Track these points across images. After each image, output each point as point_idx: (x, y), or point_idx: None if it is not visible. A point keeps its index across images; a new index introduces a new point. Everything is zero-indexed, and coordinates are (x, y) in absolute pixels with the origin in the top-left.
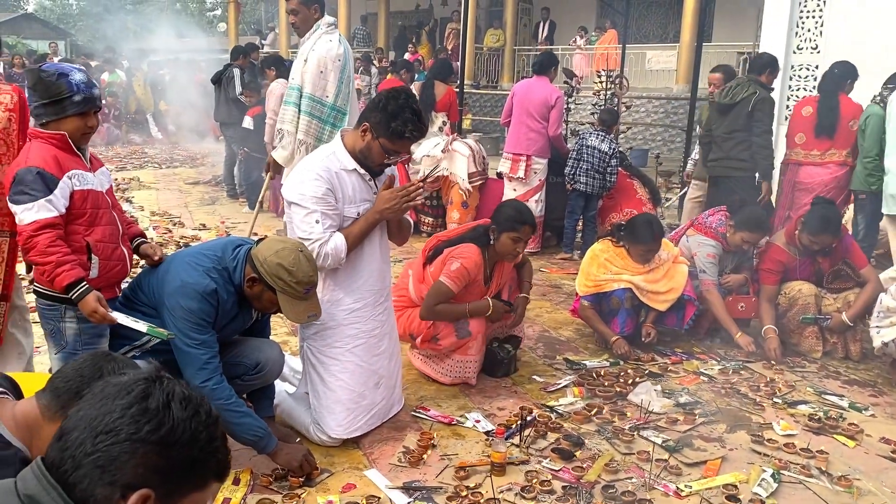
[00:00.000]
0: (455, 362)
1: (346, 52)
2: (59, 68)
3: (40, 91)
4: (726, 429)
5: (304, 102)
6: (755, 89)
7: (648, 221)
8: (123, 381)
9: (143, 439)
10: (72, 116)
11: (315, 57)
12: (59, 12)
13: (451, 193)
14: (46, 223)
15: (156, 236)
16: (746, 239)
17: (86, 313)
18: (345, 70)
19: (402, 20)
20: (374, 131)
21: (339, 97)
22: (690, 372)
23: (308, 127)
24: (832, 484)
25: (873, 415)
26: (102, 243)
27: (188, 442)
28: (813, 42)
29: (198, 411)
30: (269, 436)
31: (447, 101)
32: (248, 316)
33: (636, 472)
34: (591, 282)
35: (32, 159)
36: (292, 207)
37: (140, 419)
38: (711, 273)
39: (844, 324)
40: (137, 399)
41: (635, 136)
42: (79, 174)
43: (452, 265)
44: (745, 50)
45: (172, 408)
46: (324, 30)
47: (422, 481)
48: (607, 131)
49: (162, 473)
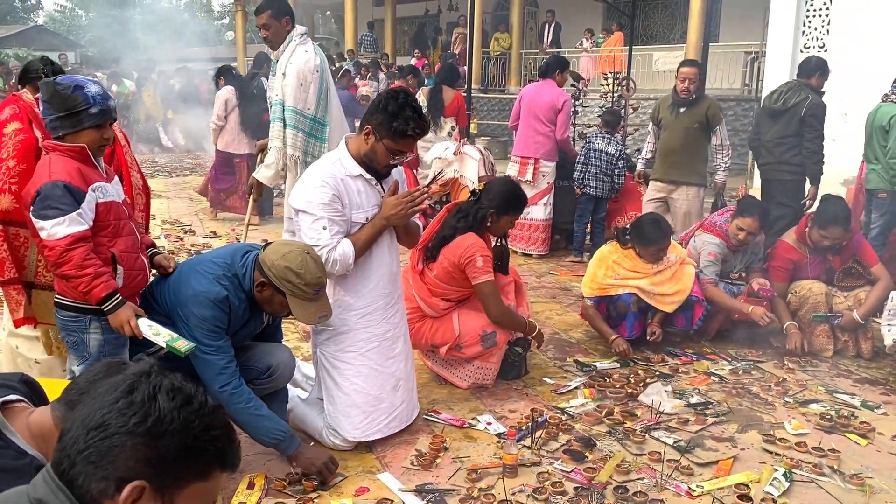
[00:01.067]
0: (475, 368)
1: (322, 62)
2: (75, 81)
3: (56, 104)
4: (738, 428)
5: (288, 116)
6: (807, 94)
7: (655, 220)
8: (115, 379)
9: (131, 431)
10: (88, 129)
11: (293, 70)
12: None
13: (461, 196)
14: (80, 236)
15: (167, 244)
16: (741, 226)
17: (115, 325)
18: (322, 80)
19: (408, 25)
20: (377, 133)
21: (318, 108)
22: (701, 372)
23: (295, 140)
24: (844, 483)
25: (885, 413)
26: (126, 253)
27: (178, 431)
28: (820, 41)
29: (189, 401)
30: (290, 437)
31: (455, 105)
32: (260, 320)
33: (648, 473)
34: (597, 285)
35: (56, 173)
36: (299, 215)
37: (126, 412)
38: (708, 273)
39: (856, 322)
40: (123, 393)
41: (643, 137)
42: (101, 186)
43: (478, 262)
44: (753, 50)
45: (158, 399)
46: (297, 41)
47: (434, 484)
48: (612, 133)
49: (154, 464)
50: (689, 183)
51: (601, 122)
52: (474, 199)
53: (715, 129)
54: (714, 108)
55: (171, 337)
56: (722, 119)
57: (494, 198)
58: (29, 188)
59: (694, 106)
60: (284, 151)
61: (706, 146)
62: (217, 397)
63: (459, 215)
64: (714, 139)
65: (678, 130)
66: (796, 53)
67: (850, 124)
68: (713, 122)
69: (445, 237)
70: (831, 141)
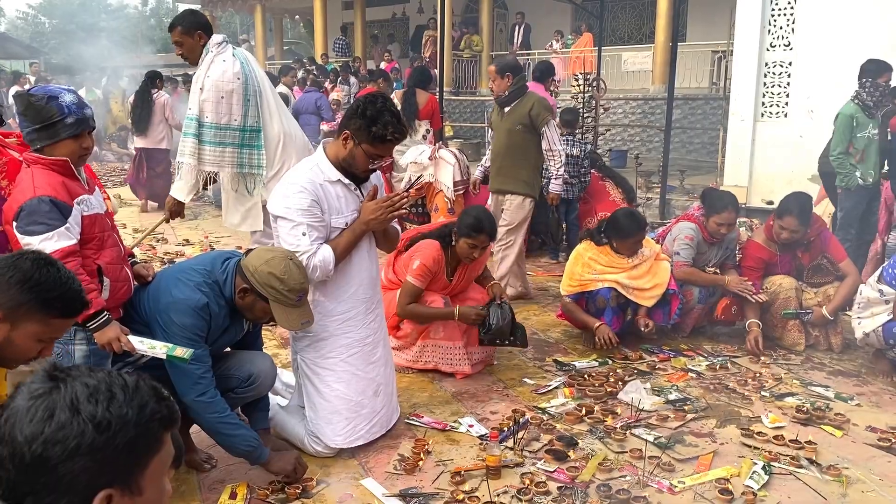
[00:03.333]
0: (420, 348)
1: (244, 66)
2: (49, 91)
3: (31, 116)
4: (716, 424)
5: (205, 133)
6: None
7: (630, 213)
8: (21, 404)
9: (71, 456)
10: (66, 140)
11: (210, 84)
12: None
13: (437, 200)
14: (69, 251)
15: (140, 253)
16: (719, 221)
17: (102, 342)
18: (248, 86)
19: (377, 29)
20: (356, 138)
21: (247, 117)
22: (678, 369)
23: (218, 157)
24: (821, 474)
25: (858, 404)
26: (111, 265)
27: (119, 431)
28: (786, 39)
29: (112, 396)
30: (261, 446)
31: (429, 109)
32: (240, 328)
33: (630, 470)
34: (576, 281)
35: (41, 188)
36: (278, 221)
37: (57, 439)
38: (685, 255)
39: (825, 318)
40: (44, 420)
41: (614, 137)
42: (85, 199)
43: (414, 264)
44: (720, 49)
45: (82, 411)
46: (214, 52)
47: (418, 488)
48: (573, 133)
49: (110, 471)
50: (513, 192)
51: (560, 121)
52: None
53: (542, 132)
54: (538, 108)
55: (168, 347)
56: (549, 119)
57: (461, 220)
58: (11, 203)
59: (516, 106)
60: (198, 168)
61: (534, 151)
62: (192, 406)
63: (442, 229)
64: (543, 143)
65: (502, 133)
66: (762, 52)
67: (816, 121)
68: (537, 123)
69: (425, 236)
70: (798, 137)
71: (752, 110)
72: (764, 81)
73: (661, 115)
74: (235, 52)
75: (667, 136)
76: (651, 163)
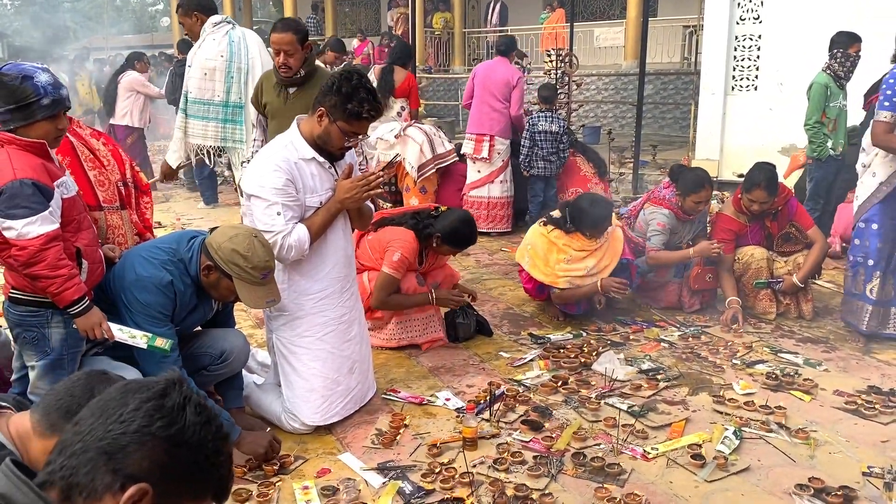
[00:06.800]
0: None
1: (231, 46)
2: (22, 70)
3: (4, 96)
4: (689, 392)
5: (190, 107)
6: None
7: (594, 200)
8: (146, 380)
9: (154, 433)
10: (41, 121)
11: (197, 62)
12: None
13: (407, 180)
14: (53, 235)
15: None
16: (697, 200)
17: (84, 328)
18: (231, 63)
19: (349, 7)
20: (331, 115)
21: (230, 94)
22: (651, 339)
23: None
24: (791, 437)
25: (826, 370)
26: (89, 247)
27: (195, 446)
28: (755, 12)
29: (209, 421)
30: (231, 426)
31: (406, 86)
32: (209, 307)
33: (604, 439)
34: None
35: (21, 170)
36: (252, 200)
37: (154, 414)
38: (655, 241)
39: (795, 285)
40: (155, 395)
41: (587, 113)
42: (63, 182)
43: (394, 255)
44: (691, 24)
45: (187, 410)
46: (209, 31)
47: (396, 461)
48: (551, 109)
49: (164, 471)
50: None
51: (538, 97)
52: (434, 215)
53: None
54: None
55: (148, 337)
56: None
57: (446, 227)
58: None
59: (308, 87)
60: (185, 140)
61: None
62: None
63: (416, 218)
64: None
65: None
66: (732, 26)
67: (785, 93)
68: None
69: (394, 220)
70: (768, 110)
71: (723, 84)
72: (734, 55)
73: (634, 90)
74: (230, 32)
75: (639, 111)
76: (624, 138)
